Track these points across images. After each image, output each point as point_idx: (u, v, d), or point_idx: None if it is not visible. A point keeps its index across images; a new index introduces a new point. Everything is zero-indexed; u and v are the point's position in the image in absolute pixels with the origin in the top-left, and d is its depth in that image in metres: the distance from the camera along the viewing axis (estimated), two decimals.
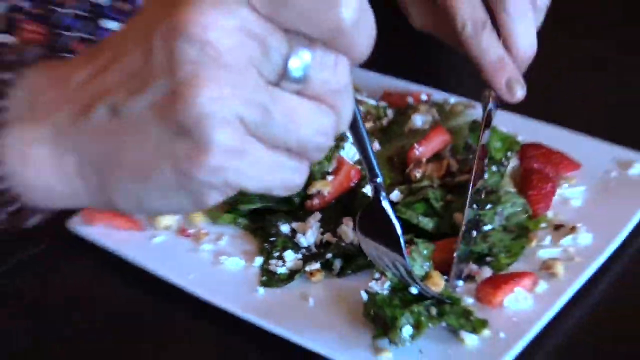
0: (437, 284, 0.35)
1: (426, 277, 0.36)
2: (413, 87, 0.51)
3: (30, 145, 0.24)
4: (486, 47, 0.40)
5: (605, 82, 0.53)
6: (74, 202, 0.26)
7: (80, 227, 0.42)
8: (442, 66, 0.59)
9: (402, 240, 0.33)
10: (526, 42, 0.41)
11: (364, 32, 0.21)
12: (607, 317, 0.38)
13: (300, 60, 0.21)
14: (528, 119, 0.47)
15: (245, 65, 0.21)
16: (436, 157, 0.44)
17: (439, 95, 0.50)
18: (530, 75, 0.42)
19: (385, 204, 0.33)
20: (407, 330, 0.33)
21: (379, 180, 0.32)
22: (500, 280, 0.37)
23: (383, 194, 0.33)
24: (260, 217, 0.45)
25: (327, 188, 0.43)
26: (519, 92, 0.41)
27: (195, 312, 0.38)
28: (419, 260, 0.36)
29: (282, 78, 0.21)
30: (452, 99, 0.49)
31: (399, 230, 0.33)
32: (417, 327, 0.33)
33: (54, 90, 0.24)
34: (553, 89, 0.51)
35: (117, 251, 0.41)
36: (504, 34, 0.40)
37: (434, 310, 0.34)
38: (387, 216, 0.33)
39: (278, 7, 0.20)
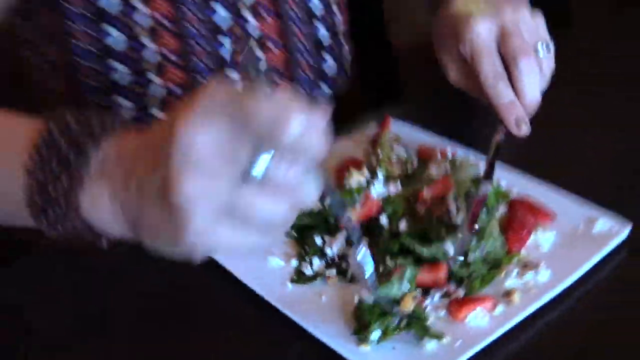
0: (408, 305, 0.48)
1: (402, 297, 0.48)
2: (443, 142, 0.63)
3: (97, 197, 0.33)
4: (501, 93, 0.53)
5: (586, 142, 0.63)
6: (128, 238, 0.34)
7: None
8: (473, 125, 0.70)
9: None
10: (531, 93, 0.53)
11: (315, 141, 0.27)
12: (550, 342, 0.48)
13: (261, 164, 0.27)
14: (519, 172, 0.58)
15: (217, 168, 0.27)
16: (441, 199, 0.56)
17: (461, 152, 0.61)
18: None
19: None
20: (375, 334, 0.46)
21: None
22: (468, 300, 0.49)
23: None
24: (302, 229, 0.59)
25: (354, 214, 0.56)
26: (524, 128, 0.54)
27: (242, 297, 0.53)
28: (397, 284, 0.48)
29: (246, 177, 0.27)
30: (461, 153, 0.61)
31: None
32: (385, 333, 0.46)
33: (115, 158, 0.32)
34: (543, 147, 0.61)
35: None
36: (515, 85, 0.53)
37: (404, 322, 0.47)
38: None
39: (244, 123, 0.26)
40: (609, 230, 0.51)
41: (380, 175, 0.58)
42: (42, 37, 0.62)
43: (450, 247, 0.51)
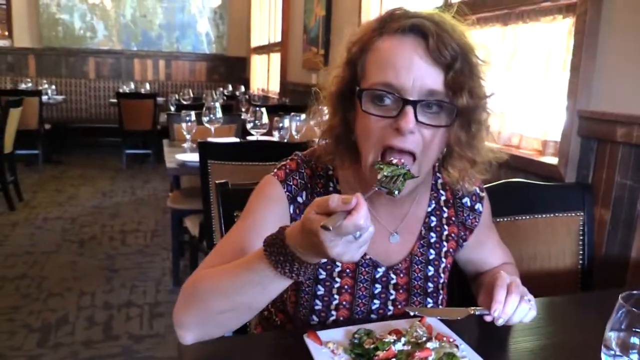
0: None
1: None
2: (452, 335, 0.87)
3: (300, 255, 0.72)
4: (498, 299, 0.85)
5: None
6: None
7: None
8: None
9: None
10: (509, 308, 0.84)
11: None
12: None
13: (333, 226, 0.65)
14: None
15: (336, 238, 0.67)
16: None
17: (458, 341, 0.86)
18: None
19: None
20: None
21: None
22: None
23: None
24: None
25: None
26: (499, 322, 0.85)
27: None
28: None
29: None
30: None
31: None
32: None
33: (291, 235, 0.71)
34: None
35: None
36: (505, 302, 0.85)
37: None
38: None
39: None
40: None
41: (404, 340, 0.82)
42: None
43: None
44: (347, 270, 0.96)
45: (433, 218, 1.01)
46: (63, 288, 2.92)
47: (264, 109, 2.77)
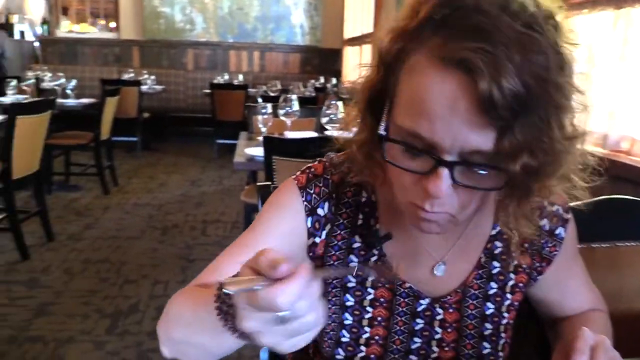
0: None
1: None
2: None
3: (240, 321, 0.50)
4: None
5: None
6: None
7: None
8: None
9: None
10: None
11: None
12: None
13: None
14: None
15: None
16: None
17: None
18: None
19: None
20: None
21: None
22: None
23: None
24: None
25: None
26: None
27: None
28: None
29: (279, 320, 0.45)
30: None
31: None
32: None
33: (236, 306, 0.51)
34: None
35: None
36: None
37: None
38: None
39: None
40: None
41: None
42: None
43: None
44: (382, 300, 0.79)
45: (498, 243, 0.80)
46: (139, 275, 2.97)
47: (340, 103, 2.62)
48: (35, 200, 3.46)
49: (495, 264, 0.81)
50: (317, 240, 0.78)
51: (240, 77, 6.94)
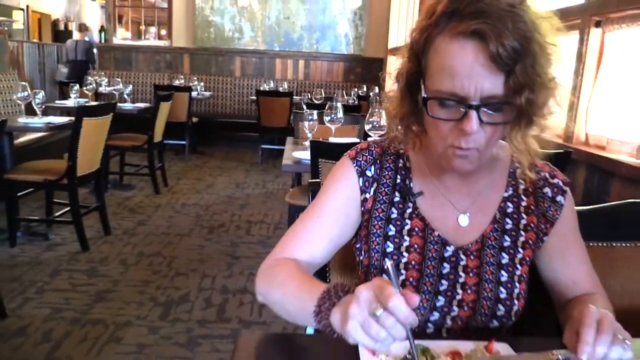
0: None
1: None
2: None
3: (334, 314, 0.73)
4: (585, 342, 0.73)
5: None
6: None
7: None
8: None
9: None
10: (600, 350, 0.72)
11: (400, 315, 0.63)
12: None
13: (376, 313, 0.65)
14: None
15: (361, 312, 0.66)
16: None
17: None
18: None
19: None
20: None
21: None
22: None
23: None
24: None
25: None
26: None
27: None
28: None
29: (371, 314, 0.65)
30: None
31: None
32: None
33: (342, 303, 0.72)
34: None
35: None
36: (596, 343, 0.73)
37: None
38: None
39: (377, 298, 0.65)
40: None
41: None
42: None
43: None
44: (415, 246, 0.97)
45: (509, 204, 0.99)
46: (189, 269, 3.17)
47: (383, 111, 2.74)
48: (95, 196, 3.71)
49: (508, 220, 0.98)
50: (367, 196, 0.99)
51: (285, 84, 7.14)
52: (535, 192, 1.00)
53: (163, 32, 8.16)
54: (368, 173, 0.98)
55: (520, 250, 0.98)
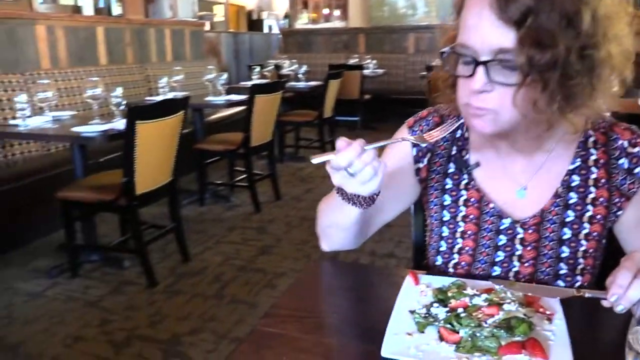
0: None
1: None
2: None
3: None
4: (618, 284, 0.69)
5: None
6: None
7: None
8: None
9: None
10: (632, 294, 0.68)
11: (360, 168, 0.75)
12: None
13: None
14: None
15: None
16: None
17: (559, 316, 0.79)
18: None
19: None
20: None
21: None
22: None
23: None
24: None
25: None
26: (618, 309, 0.69)
27: None
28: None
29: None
30: None
31: None
32: None
33: None
34: None
35: None
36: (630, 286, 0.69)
37: None
38: None
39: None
40: None
41: (485, 296, 0.81)
42: None
43: None
44: (471, 216, 0.98)
45: (575, 177, 0.93)
46: None
47: None
48: (268, 166, 4.19)
49: (572, 194, 0.93)
50: (421, 165, 1.02)
51: None
52: (609, 163, 0.92)
53: (336, 12, 8.56)
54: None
55: (587, 225, 0.93)
